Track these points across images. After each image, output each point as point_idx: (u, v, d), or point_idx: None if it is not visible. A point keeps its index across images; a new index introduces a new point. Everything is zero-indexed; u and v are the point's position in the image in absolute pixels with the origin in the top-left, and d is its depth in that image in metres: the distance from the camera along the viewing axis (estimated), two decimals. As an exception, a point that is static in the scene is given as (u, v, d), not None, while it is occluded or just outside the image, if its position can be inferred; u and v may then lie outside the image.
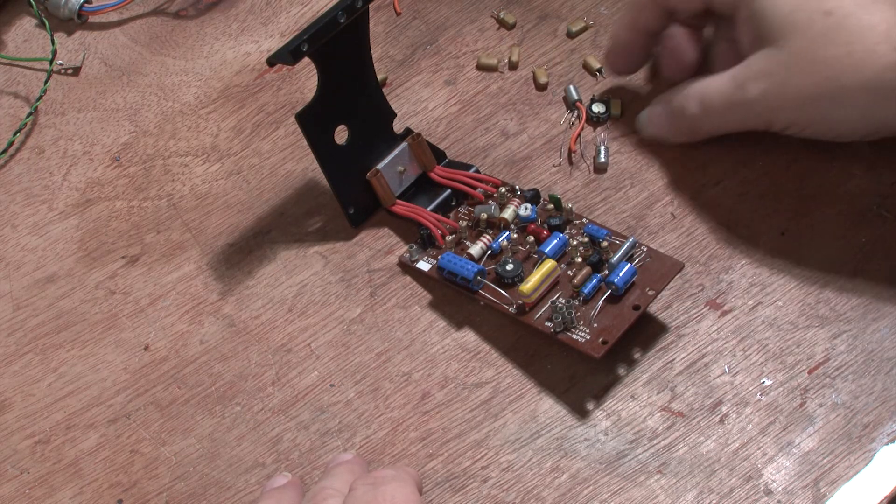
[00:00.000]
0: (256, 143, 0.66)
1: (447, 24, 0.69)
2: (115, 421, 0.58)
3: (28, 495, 0.56)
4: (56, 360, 0.60)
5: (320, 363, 0.58)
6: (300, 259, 0.62)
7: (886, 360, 0.55)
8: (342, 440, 0.56)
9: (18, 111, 0.69)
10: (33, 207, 0.65)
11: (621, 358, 0.56)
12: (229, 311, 0.60)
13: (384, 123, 0.63)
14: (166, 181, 0.65)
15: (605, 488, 0.53)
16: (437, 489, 0.54)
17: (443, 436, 0.55)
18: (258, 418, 0.57)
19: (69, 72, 0.71)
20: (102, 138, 0.68)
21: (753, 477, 0.53)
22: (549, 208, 0.60)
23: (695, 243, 0.60)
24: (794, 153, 0.62)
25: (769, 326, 0.57)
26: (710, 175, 0.62)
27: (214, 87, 0.69)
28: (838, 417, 0.54)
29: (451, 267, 0.58)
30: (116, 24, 0.73)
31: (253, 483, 0.55)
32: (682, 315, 0.57)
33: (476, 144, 0.64)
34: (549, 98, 0.66)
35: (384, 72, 0.68)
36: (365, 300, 0.60)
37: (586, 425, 0.55)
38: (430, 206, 0.61)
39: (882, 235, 0.59)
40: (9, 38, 0.73)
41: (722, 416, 0.55)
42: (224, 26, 0.72)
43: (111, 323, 0.61)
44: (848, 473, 0.53)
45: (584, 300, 0.56)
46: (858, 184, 0.60)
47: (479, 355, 0.57)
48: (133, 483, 0.56)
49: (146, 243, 0.63)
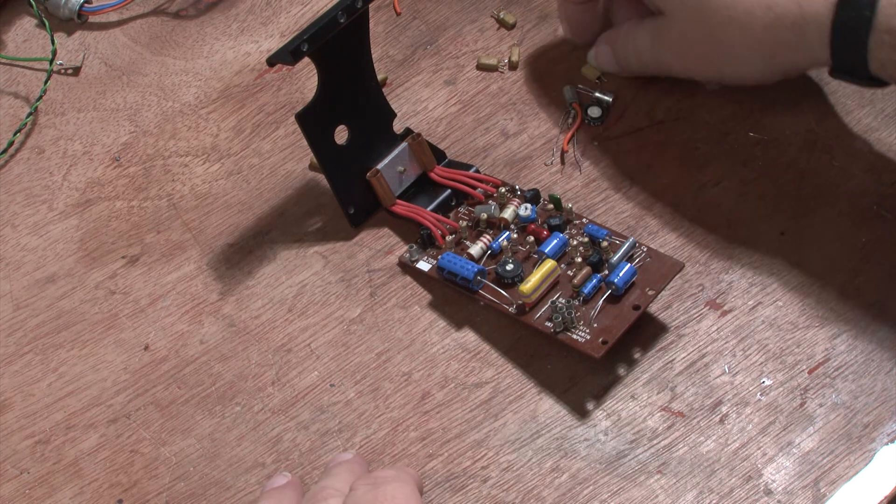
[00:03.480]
0: (256, 143, 0.66)
1: (447, 24, 0.69)
2: (115, 421, 0.58)
3: (28, 495, 0.56)
4: (56, 360, 0.60)
5: (320, 363, 0.58)
6: (300, 259, 0.62)
7: (886, 360, 0.55)
8: (342, 440, 0.56)
9: (18, 111, 0.69)
10: (33, 207, 0.65)
11: (621, 358, 0.56)
12: (229, 311, 0.60)
13: (384, 123, 0.63)
14: (166, 181, 0.65)
15: (605, 488, 0.53)
16: (437, 489, 0.54)
17: (443, 436, 0.55)
18: (258, 418, 0.57)
19: (69, 72, 0.71)
20: (102, 138, 0.68)
21: (753, 477, 0.53)
22: (549, 208, 0.60)
23: (695, 243, 0.60)
24: (794, 153, 0.62)
25: (769, 326, 0.57)
26: (710, 175, 0.62)
27: (214, 87, 0.69)
28: (838, 417, 0.54)
29: (451, 267, 0.58)
30: (116, 24, 0.73)
31: (253, 483, 0.55)
32: (682, 315, 0.57)
33: (476, 144, 0.64)
34: (549, 98, 0.66)
35: (384, 72, 0.68)
36: (365, 300, 0.60)
37: (586, 425, 0.55)
38: (430, 206, 0.61)
39: (882, 235, 0.59)
40: (9, 38, 0.73)
41: (722, 416, 0.55)
42: (224, 26, 0.72)
43: (111, 323, 0.61)
44: (848, 473, 0.53)
45: (584, 300, 0.56)
46: (858, 184, 0.60)
47: (479, 355, 0.57)
48: (133, 483, 0.56)
49: (146, 243, 0.63)
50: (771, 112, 0.63)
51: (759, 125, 0.63)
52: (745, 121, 0.63)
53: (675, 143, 0.63)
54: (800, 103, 0.63)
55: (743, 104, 0.64)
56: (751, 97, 0.64)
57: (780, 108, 0.63)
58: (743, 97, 0.64)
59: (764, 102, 0.63)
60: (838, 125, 0.62)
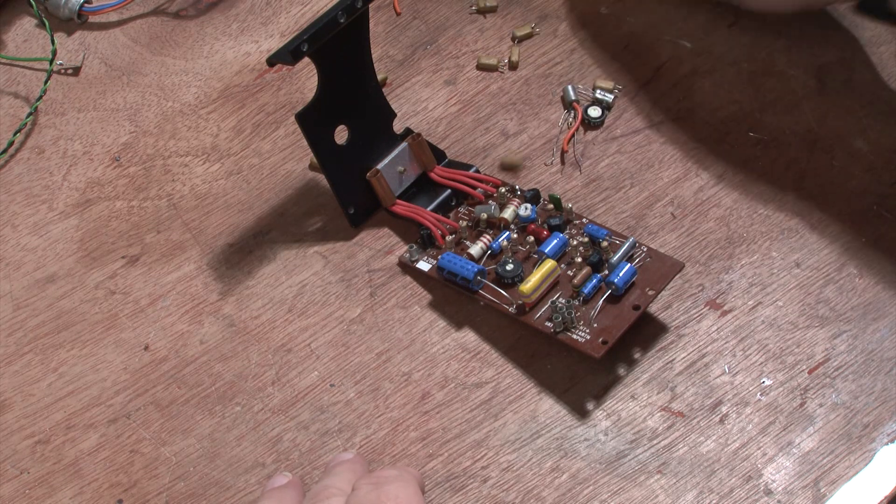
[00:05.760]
0: (256, 143, 0.66)
1: (447, 24, 0.69)
2: (115, 421, 0.58)
3: (28, 495, 0.56)
4: (56, 360, 0.60)
5: (320, 363, 0.58)
6: (300, 259, 0.62)
7: (886, 360, 0.55)
8: (342, 440, 0.56)
9: (18, 111, 0.69)
10: (33, 207, 0.65)
11: (621, 358, 0.56)
12: (229, 311, 0.60)
13: (384, 123, 0.63)
14: (166, 181, 0.65)
15: (605, 488, 0.53)
16: (437, 489, 0.54)
17: (443, 436, 0.55)
18: (258, 418, 0.57)
19: (69, 72, 0.71)
20: (102, 138, 0.68)
21: (753, 477, 0.53)
22: (549, 208, 0.60)
23: (695, 243, 0.60)
24: (794, 153, 0.62)
25: (769, 326, 0.57)
26: (710, 175, 0.62)
27: (214, 87, 0.69)
28: (838, 417, 0.54)
29: (451, 267, 0.58)
30: (116, 24, 0.73)
31: (253, 483, 0.55)
32: (682, 315, 0.57)
33: (476, 144, 0.64)
34: (549, 98, 0.66)
35: (384, 72, 0.68)
36: (365, 300, 0.60)
37: (586, 425, 0.55)
38: (430, 206, 0.61)
39: (882, 235, 0.59)
40: (9, 38, 0.73)
41: (722, 416, 0.55)
42: (224, 26, 0.72)
43: (111, 323, 0.61)
44: (848, 473, 0.53)
45: (584, 300, 0.56)
46: (858, 184, 0.60)
47: (479, 355, 0.57)
48: (133, 483, 0.56)
49: (146, 243, 0.63)
50: (771, 112, 0.63)
51: (759, 125, 0.63)
52: (745, 121, 0.63)
53: (675, 143, 0.63)
54: (800, 103, 0.63)
55: (743, 104, 0.64)
56: (751, 97, 0.64)
57: (780, 108, 0.63)
58: (743, 97, 0.64)
59: (764, 102, 0.64)
60: (838, 125, 0.62)
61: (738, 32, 0.66)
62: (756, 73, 0.65)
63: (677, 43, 0.66)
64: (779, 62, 0.65)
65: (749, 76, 0.65)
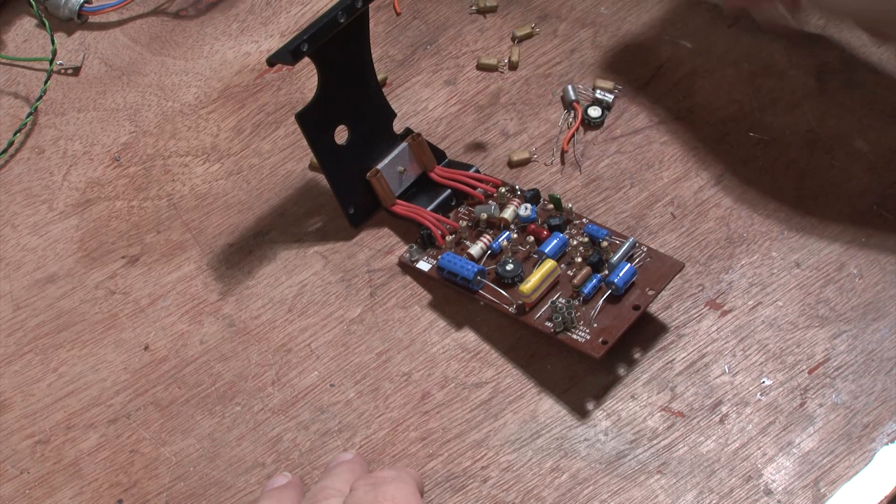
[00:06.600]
0: (256, 143, 0.66)
1: (447, 24, 0.69)
2: (115, 421, 0.58)
3: (28, 495, 0.56)
4: (56, 360, 0.60)
5: (320, 363, 0.58)
6: (300, 259, 0.62)
7: (886, 360, 0.55)
8: (342, 440, 0.56)
9: (18, 111, 0.69)
10: (33, 207, 0.65)
11: (621, 358, 0.56)
12: (229, 311, 0.60)
13: (384, 123, 0.63)
14: (166, 181, 0.65)
15: (605, 488, 0.53)
16: (437, 489, 0.54)
17: (443, 436, 0.55)
18: (258, 418, 0.57)
19: (69, 72, 0.71)
20: (102, 138, 0.68)
21: (753, 477, 0.53)
22: (549, 208, 0.60)
23: (695, 243, 0.60)
24: (794, 153, 0.62)
25: (769, 326, 0.57)
26: (710, 175, 0.62)
27: (214, 87, 0.69)
28: (838, 417, 0.54)
29: (451, 267, 0.58)
30: (116, 24, 0.73)
31: (253, 483, 0.55)
32: (682, 315, 0.57)
33: (476, 144, 0.64)
34: (549, 98, 0.66)
35: (384, 72, 0.68)
36: (365, 300, 0.60)
37: (586, 425, 0.55)
38: (430, 206, 0.61)
39: (882, 235, 0.59)
40: (9, 38, 0.73)
41: (722, 416, 0.55)
42: (224, 26, 0.72)
43: (111, 323, 0.61)
44: (848, 473, 0.53)
45: (584, 300, 0.56)
46: (858, 184, 0.60)
47: (479, 355, 0.57)
48: (133, 483, 0.56)
49: (146, 243, 0.63)
50: (771, 112, 0.63)
51: (759, 125, 0.63)
52: (745, 121, 0.63)
53: (675, 143, 0.63)
54: (800, 103, 0.63)
55: (743, 104, 0.64)
56: (751, 97, 0.64)
57: (780, 108, 0.63)
58: (743, 97, 0.64)
59: (764, 102, 0.64)
60: (838, 125, 0.62)
61: (738, 32, 0.66)
62: (756, 73, 0.65)
63: (677, 43, 0.66)
64: (779, 62, 0.65)
65: (749, 76, 0.65)
